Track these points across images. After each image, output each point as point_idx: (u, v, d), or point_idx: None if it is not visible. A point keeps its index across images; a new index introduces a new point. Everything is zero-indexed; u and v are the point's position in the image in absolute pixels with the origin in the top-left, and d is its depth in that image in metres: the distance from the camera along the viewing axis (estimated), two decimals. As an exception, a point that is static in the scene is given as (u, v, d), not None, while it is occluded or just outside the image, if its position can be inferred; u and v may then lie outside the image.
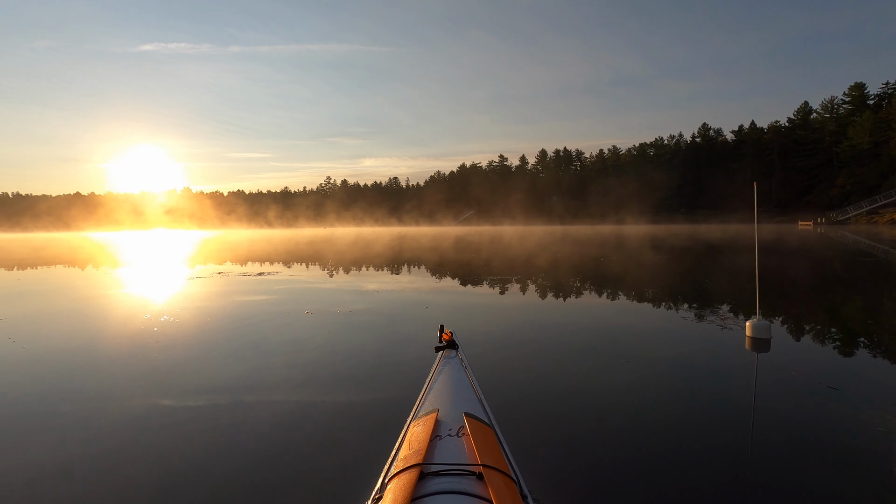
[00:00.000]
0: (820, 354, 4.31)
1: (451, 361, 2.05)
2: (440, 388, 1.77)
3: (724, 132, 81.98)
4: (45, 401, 3.26)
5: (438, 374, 1.93)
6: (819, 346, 4.57)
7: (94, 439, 2.66)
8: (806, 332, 5.20)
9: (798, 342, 4.75)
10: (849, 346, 4.58)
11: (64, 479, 2.24)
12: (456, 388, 1.77)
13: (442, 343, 2.27)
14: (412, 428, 1.47)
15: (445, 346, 2.24)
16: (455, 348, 2.22)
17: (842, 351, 4.40)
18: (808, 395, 3.24)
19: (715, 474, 2.27)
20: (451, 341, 2.25)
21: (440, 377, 1.88)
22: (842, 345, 4.61)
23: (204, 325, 5.81)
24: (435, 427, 1.42)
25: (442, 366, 2.01)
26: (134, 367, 4.04)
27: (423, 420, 1.48)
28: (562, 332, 5.37)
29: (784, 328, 5.26)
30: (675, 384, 3.56)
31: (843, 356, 4.25)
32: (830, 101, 67.87)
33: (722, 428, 2.79)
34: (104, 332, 5.52)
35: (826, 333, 5.13)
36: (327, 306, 6.74)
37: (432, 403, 1.63)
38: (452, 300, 7.60)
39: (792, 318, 5.88)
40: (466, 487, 1.13)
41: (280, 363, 4.12)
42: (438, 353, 2.20)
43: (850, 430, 2.72)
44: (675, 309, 6.51)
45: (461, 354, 2.15)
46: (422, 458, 1.23)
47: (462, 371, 1.94)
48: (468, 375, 1.91)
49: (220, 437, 2.66)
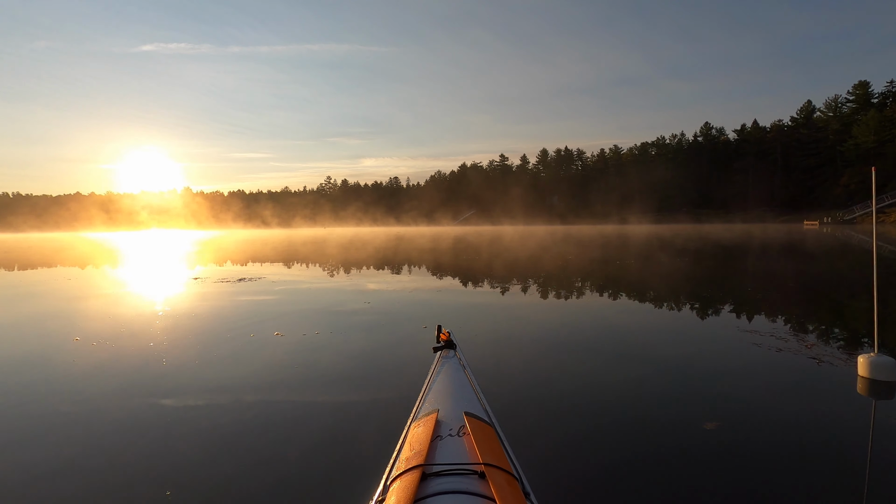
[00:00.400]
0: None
1: (450, 361, 2.04)
2: (439, 389, 1.76)
3: (726, 131, 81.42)
4: (45, 401, 3.25)
5: (437, 374, 1.92)
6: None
7: (94, 439, 2.66)
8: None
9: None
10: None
11: (64, 479, 2.24)
12: (455, 387, 1.76)
13: (440, 343, 2.25)
14: (413, 429, 1.46)
15: (443, 346, 2.21)
16: (453, 348, 2.19)
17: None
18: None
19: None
20: (448, 341, 2.23)
21: (439, 377, 1.88)
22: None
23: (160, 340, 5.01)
24: (435, 427, 1.41)
25: (440, 366, 2.00)
26: (131, 367, 4.00)
27: (424, 421, 1.47)
28: (595, 358, 4.45)
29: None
30: (766, 425, 2.73)
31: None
32: (834, 100, 67.16)
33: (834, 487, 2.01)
34: (102, 333, 5.32)
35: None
36: (299, 328, 5.45)
37: (432, 404, 1.63)
38: (453, 311, 6.78)
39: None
40: (469, 487, 1.12)
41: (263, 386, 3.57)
42: (437, 353, 2.18)
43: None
44: (733, 330, 5.03)
45: (459, 354, 2.13)
46: (423, 459, 1.22)
47: (461, 370, 1.93)
48: (467, 375, 1.89)
49: (219, 438, 2.63)
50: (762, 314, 5.88)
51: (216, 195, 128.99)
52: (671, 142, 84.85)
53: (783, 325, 5.27)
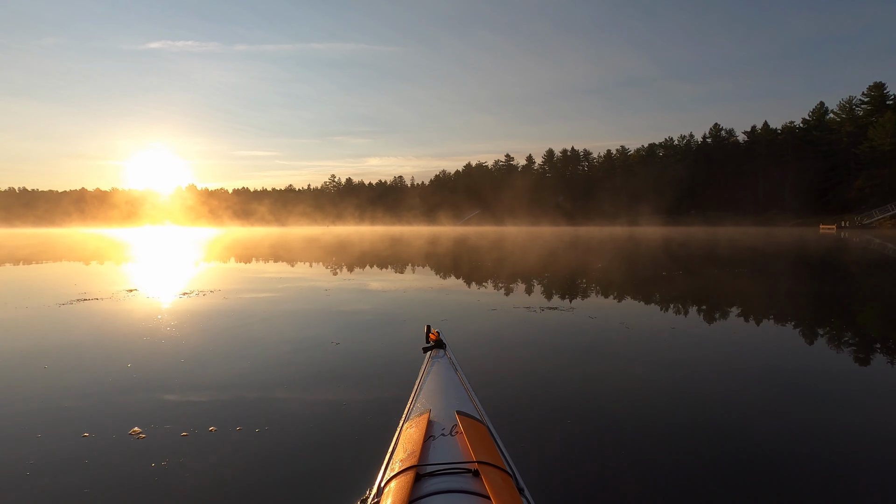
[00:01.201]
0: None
1: (440, 361, 2.02)
2: (430, 388, 1.75)
3: (735, 133, 79.82)
4: (46, 396, 3.14)
5: (427, 374, 1.90)
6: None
7: (92, 435, 2.55)
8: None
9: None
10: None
11: (63, 475, 2.17)
12: (446, 387, 1.75)
13: (429, 343, 2.21)
14: (405, 430, 1.44)
15: (433, 345, 2.18)
16: (443, 348, 2.17)
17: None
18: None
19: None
20: (438, 341, 2.20)
21: (429, 377, 1.86)
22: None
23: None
24: (428, 427, 1.40)
25: (430, 366, 1.98)
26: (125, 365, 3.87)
27: (416, 421, 1.46)
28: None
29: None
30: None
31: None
32: (848, 101, 65.42)
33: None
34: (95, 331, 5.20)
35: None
36: (289, 328, 5.14)
37: (424, 404, 1.61)
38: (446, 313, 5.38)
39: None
40: (463, 485, 1.11)
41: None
42: (426, 353, 2.15)
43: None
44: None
45: (449, 353, 2.11)
46: (417, 460, 1.21)
47: (451, 370, 1.92)
48: (458, 374, 1.88)
49: (210, 438, 2.53)
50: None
51: (221, 192, 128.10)
52: (680, 143, 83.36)
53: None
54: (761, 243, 23.60)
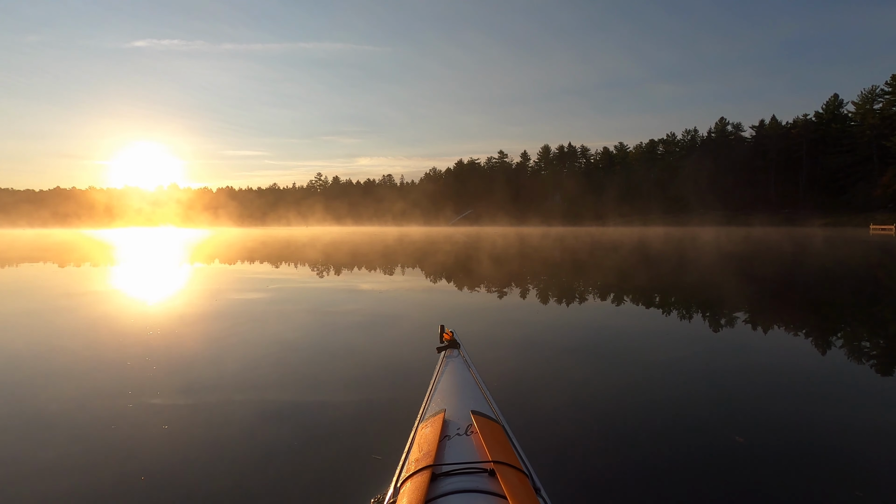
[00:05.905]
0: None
1: (454, 360, 2.00)
2: (445, 388, 1.73)
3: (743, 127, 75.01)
4: (33, 400, 3.09)
5: (442, 374, 1.89)
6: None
7: (81, 438, 2.52)
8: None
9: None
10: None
11: (50, 478, 2.14)
12: (461, 386, 1.73)
13: (443, 343, 2.21)
14: (420, 430, 1.44)
15: (447, 345, 2.18)
16: (457, 347, 2.16)
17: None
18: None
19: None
20: (452, 341, 2.20)
21: (444, 377, 1.84)
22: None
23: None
24: (443, 427, 1.39)
25: (445, 366, 1.96)
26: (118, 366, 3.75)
27: (431, 421, 1.45)
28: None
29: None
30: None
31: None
32: (871, 91, 60.42)
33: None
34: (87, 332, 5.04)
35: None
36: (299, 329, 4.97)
37: (438, 404, 1.60)
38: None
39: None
40: (479, 485, 1.11)
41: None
42: (441, 353, 2.14)
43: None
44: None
45: (463, 353, 2.09)
46: (432, 460, 1.21)
47: (466, 369, 1.89)
48: (472, 373, 1.85)
49: (225, 439, 2.51)
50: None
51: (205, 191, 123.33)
52: (684, 138, 78.54)
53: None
54: (822, 252, 18.55)
